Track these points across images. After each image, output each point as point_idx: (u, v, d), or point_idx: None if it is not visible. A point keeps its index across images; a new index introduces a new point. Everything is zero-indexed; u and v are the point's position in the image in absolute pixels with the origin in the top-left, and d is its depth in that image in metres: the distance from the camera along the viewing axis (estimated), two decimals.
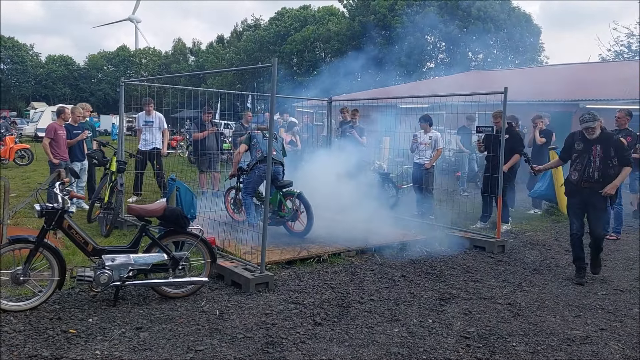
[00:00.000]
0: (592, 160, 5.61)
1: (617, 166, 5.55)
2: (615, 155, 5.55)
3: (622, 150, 5.63)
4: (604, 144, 5.60)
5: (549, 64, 38.68)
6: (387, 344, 3.89)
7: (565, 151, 6.07)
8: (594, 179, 5.60)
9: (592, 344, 4.06)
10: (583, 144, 5.74)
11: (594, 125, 5.61)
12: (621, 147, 5.66)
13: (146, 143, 9.61)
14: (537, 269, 6.20)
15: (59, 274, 4.31)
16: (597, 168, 5.60)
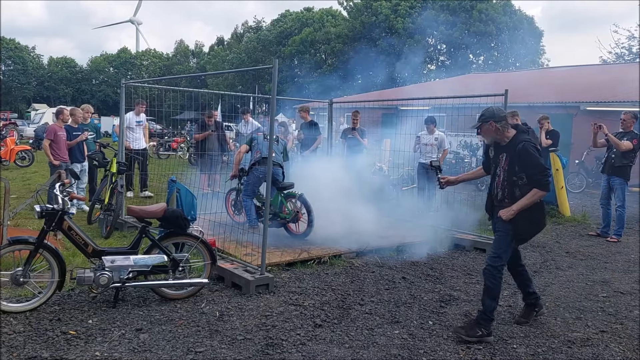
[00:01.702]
0: (498, 173, 4.23)
1: (526, 185, 4.02)
2: (522, 170, 4.02)
3: (534, 166, 3.96)
4: (510, 153, 4.11)
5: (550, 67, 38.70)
6: (387, 346, 3.88)
7: (484, 158, 4.57)
8: (497, 198, 4.25)
9: (593, 346, 4.05)
10: (495, 151, 4.31)
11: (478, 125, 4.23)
12: (532, 161, 3.97)
13: (137, 143, 10.20)
14: (538, 271, 6.19)
15: (59, 275, 4.31)
16: (500, 184, 4.19)
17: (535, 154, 4.02)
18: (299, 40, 48.72)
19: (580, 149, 15.52)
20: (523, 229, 4.10)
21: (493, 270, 4.13)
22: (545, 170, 4.01)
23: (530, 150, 4.01)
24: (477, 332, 4.03)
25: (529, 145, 4.03)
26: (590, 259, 6.87)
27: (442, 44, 44.04)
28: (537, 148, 4.10)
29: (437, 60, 44.97)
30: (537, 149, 4.10)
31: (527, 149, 4.00)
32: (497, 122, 4.11)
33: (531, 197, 4.00)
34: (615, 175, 7.92)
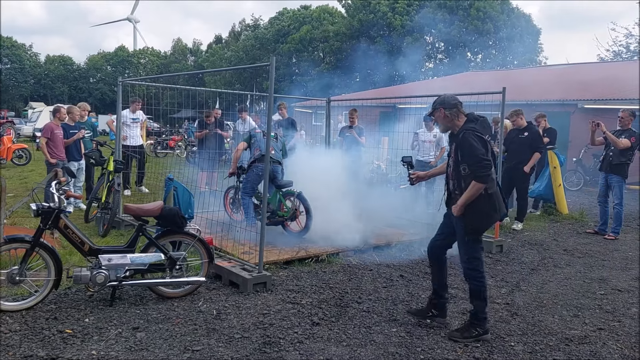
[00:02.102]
0: (450, 164, 4.12)
1: (469, 176, 3.87)
2: (464, 161, 3.89)
3: (471, 156, 3.83)
4: (457, 142, 4.00)
5: (548, 64, 38.72)
6: (384, 344, 3.88)
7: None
8: (450, 190, 4.16)
9: (591, 343, 4.05)
10: (449, 141, 4.23)
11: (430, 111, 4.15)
12: (470, 151, 3.82)
13: (133, 140, 10.43)
14: (535, 269, 6.19)
15: (55, 273, 4.29)
16: (451, 175, 4.11)
17: (475, 144, 3.82)
18: (298, 38, 48.65)
19: (578, 147, 15.54)
20: (472, 222, 3.93)
21: (472, 272, 4.02)
22: (482, 161, 3.77)
23: (470, 139, 3.84)
24: (473, 332, 3.99)
25: (470, 134, 3.87)
26: (588, 257, 6.88)
27: (440, 42, 44.03)
28: (481, 137, 3.88)
29: (435, 59, 44.97)
30: (480, 138, 3.87)
31: (467, 137, 3.86)
32: (446, 109, 4.02)
33: (471, 190, 3.84)
34: (613, 173, 7.92)
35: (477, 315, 4.02)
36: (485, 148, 3.86)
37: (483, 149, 3.83)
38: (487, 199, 3.90)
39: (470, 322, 4.05)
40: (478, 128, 3.93)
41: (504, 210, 4.06)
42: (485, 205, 3.91)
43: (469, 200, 3.86)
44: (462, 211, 3.92)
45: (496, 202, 3.95)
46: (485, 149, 3.85)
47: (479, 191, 3.84)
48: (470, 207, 3.89)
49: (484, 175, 3.79)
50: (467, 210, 3.91)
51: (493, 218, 4.03)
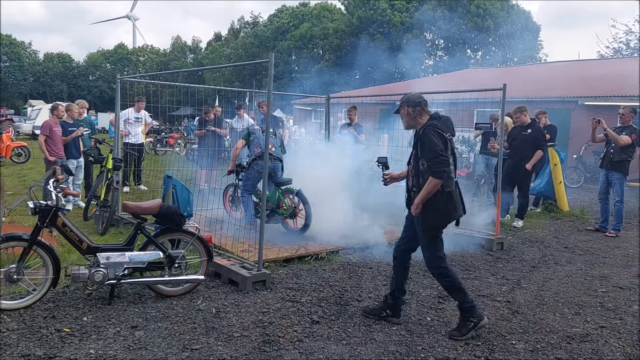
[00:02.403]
0: (410, 161, 4.13)
1: (427, 172, 3.84)
2: (422, 156, 3.88)
3: (429, 151, 3.80)
4: (417, 139, 4.02)
5: (548, 61, 38.67)
6: (385, 342, 3.85)
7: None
8: (409, 187, 4.13)
9: (592, 341, 4.02)
10: (414, 139, 4.20)
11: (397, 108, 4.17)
12: (429, 146, 3.82)
13: (134, 137, 10.58)
14: (536, 266, 6.16)
15: (53, 272, 4.26)
16: (411, 172, 4.09)
17: (435, 139, 3.81)
18: (297, 35, 48.55)
19: (579, 144, 15.51)
20: (430, 220, 3.93)
21: (438, 270, 4.04)
22: (439, 157, 3.75)
23: (429, 134, 3.85)
24: (469, 325, 3.96)
25: (430, 129, 3.88)
26: (588, 254, 6.85)
27: (440, 39, 43.94)
28: (441, 134, 3.87)
29: (435, 56, 44.89)
30: (441, 135, 3.87)
31: (427, 133, 3.87)
32: (409, 106, 4.04)
33: (427, 186, 3.82)
34: (614, 170, 7.89)
35: (463, 306, 4.00)
36: (444, 145, 3.86)
37: (442, 145, 3.83)
38: (446, 197, 3.91)
39: (462, 317, 4.02)
40: (440, 125, 3.94)
41: (460, 211, 4.05)
42: (443, 203, 3.91)
43: (426, 197, 3.86)
44: (419, 209, 3.92)
45: (455, 201, 3.97)
46: (444, 146, 3.85)
47: (435, 188, 3.82)
48: (428, 204, 3.89)
49: (441, 171, 3.77)
50: (425, 208, 3.91)
51: (451, 216, 4.00)
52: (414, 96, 4.09)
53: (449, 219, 4.01)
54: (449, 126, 3.99)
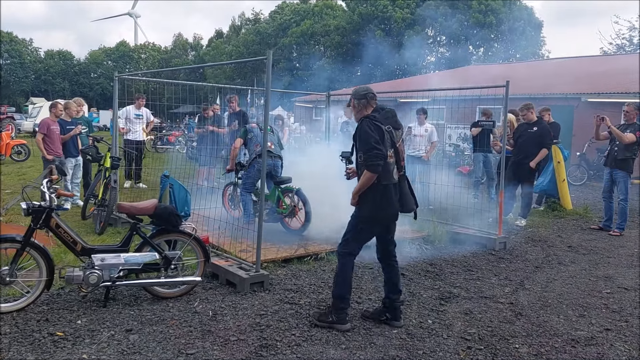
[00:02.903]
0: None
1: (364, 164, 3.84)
2: (359, 148, 3.88)
3: (365, 144, 3.78)
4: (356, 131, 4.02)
5: (551, 58, 38.45)
6: (385, 347, 3.76)
7: None
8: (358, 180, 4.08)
9: (598, 345, 3.93)
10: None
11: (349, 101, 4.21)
12: (364, 138, 3.80)
13: (134, 135, 10.59)
14: (540, 267, 6.06)
15: (47, 274, 4.18)
16: (357, 165, 4.10)
17: (370, 132, 3.79)
18: (299, 32, 48.39)
19: (582, 141, 15.37)
20: (363, 211, 3.93)
21: (342, 255, 4.05)
22: (372, 150, 3.73)
23: (366, 126, 3.84)
24: (329, 319, 3.98)
25: (367, 122, 3.88)
26: (593, 254, 6.75)
27: (441, 36, 43.72)
28: (378, 127, 3.84)
29: (436, 52, 44.68)
30: (378, 127, 3.84)
31: (363, 125, 3.86)
32: (355, 99, 4.07)
33: (362, 179, 3.84)
34: (618, 168, 7.78)
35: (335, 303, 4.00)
36: (381, 138, 3.82)
37: (378, 137, 3.80)
38: (381, 190, 3.87)
39: (331, 307, 4.04)
40: (378, 117, 3.93)
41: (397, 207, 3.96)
42: (378, 197, 3.87)
43: (362, 189, 3.86)
44: (356, 200, 3.93)
45: (390, 195, 3.89)
46: (381, 139, 3.81)
47: (370, 180, 3.81)
48: (364, 196, 3.89)
49: (374, 164, 3.75)
50: (361, 199, 3.92)
51: (385, 211, 3.94)
52: (360, 89, 4.11)
53: (383, 214, 3.95)
54: (388, 118, 3.95)
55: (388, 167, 3.85)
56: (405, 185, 4.04)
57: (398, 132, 4.02)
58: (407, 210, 4.06)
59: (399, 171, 3.98)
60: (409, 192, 4.05)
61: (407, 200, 4.03)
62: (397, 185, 3.96)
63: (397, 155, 3.95)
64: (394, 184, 3.92)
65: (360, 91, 4.08)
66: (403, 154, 4.05)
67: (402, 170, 4.01)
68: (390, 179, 3.89)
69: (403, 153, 4.06)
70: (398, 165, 3.96)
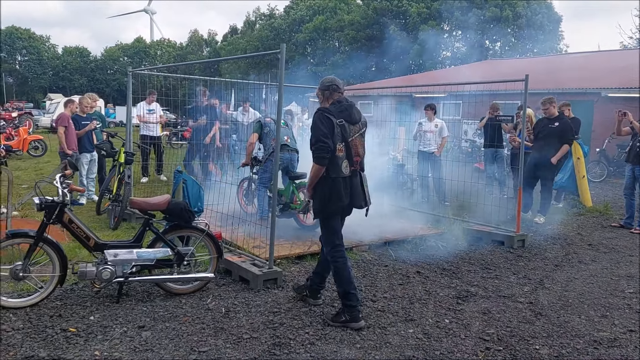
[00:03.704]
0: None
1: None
2: (311, 140, 3.94)
3: (313, 136, 3.86)
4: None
5: (569, 52, 37.78)
6: (401, 346, 3.67)
7: None
8: None
9: (621, 347, 3.80)
10: None
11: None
12: (313, 130, 3.87)
13: (149, 129, 10.76)
14: (559, 265, 5.92)
15: (60, 269, 4.16)
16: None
17: (320, 124, 3.82)
18: (312, 27, 48.21)
19: (601, 137, 15.06)
20: (316, 205, 3.98)
21: (331, 252, 4.06)
22: (318, 142, 3.77)
23: (317, 119, 3.87)
24: (342, 318, 3.95)
25: (319, 114, 3.89)
26: (614, 252, 6.57)
27: (457, 30, 43.21)
28: (329, 119, 3.83)
29: (452, 47, 44.18)
30: (329, 120, 3.83)
31: (315, 118, 3.89)
32: (320, 89, 4.08)
33: (311, 171, 3.89)
34: None
35: (343, 301, 4.00)
36: (331, 131, 3.81)
37: (326, 131, 3.80)
38: (330, 183, 3.88)
39: (342, 307, 4.02)
40: (332, 110, 3.91)
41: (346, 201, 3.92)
42: (327, 190, 3.89)
43: (312, 181, 3.91)
44: (310, 192, 3.98)
45: (339, 189, 3.88)
46: (330, 132, 3.80)
47: (318, 173, 3.86)
48: (315, 189, 3.94)
49: (320, 157, 3.80)
50: (314, 192, 3.96)
51: (335, 204, 3.92)
52: (326, 80, 4.12)
53: (334, 206, 3.93)
54: (343, 112, 3.91)
55: (336, 161, 3.85)
56: (357, 180, 4.02)
57: (354, 127, 3.97)
58: (356, 205, 4.07)
59: (351, 166, 3.94)
60: (360, 187, 4.04)
61: (357, 196, 4.01)
62: (349, 179, 3.94)
63: (349, 150, 3.90)
64: (343, 177, 3.90)
65: (326, 82, 4.09)
66: (358, 148, 4.01)
67: (355, 165, 3.97)
68: (339, 172, 3.88)
69: (358, 148, 4.01)
70: (350, 160, 3.92)
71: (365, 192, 4.07)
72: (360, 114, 4.10)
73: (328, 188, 3.89)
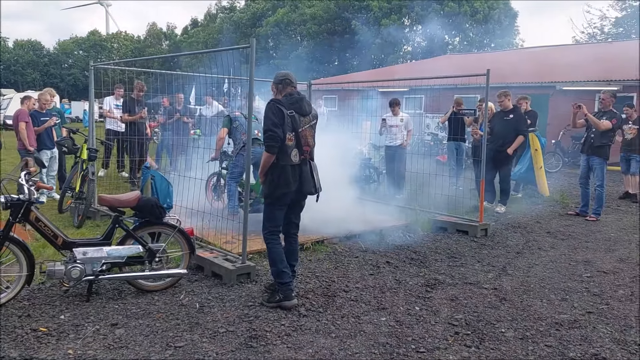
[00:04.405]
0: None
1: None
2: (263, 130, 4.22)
3: (264, 125, 4.10)
4: None
5: (526, 47, 38.93)
6: (374, 334, 3.78)
7: None
8: None
9: (581, 328, 4.02)
10: None
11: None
12: (264, 120, 4.09)
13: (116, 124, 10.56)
14: (520, 252, 6.17)
15: (28, 269, 4.06)
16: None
17: (270, 114, 4.04)
18: (274, 21, 47.88)
19: (557, 129, 15.65)
20: (266, 190, 4.20)
21: (265, 237, 4.30)
22: (268, 132, 4.01)
23: (268, 109, 4.09)
24: (276, 297, 4.18)
25: (270, 105, 4.10)
26: (571, 239, 6.89)
27: (417, 25, 43.78)
28: (280, 110, 4.05)
29: (413, 42, 44.76)
30: (280, 110, 4.05)
31: (267, 108, 4.10)
32: (274, 83, 4.31)
33: (262, 159, 4.12)
34: (595, 155, 7.93)
35: (276, 282, 4.22)
36: (281, 121, 4.02)
37: (277, 121, 4.01)
38: (279, 170, 4.09)
39: (276, 288, 4.23)
40: (283, 102, 4.14)
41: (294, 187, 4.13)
42: (276, 176, 4.11)
43: (263, 168, 4.14)
44: (262, 178, 4.20)
45: (288, 175, 4.10)
46: (280, 122, 4.02)
47: (268, 160, 4.08)
48: (266, 175, 4.16)
49: (269, 145, 4.03)
50: (265, 177, 4.18)
51: (282, 190, 4.13)
52: (279, 74, 4.34)
53: (280, 191, 4.13)
54: (293, 103, 4.12)
55: (286, 149, 4.07)
56: (307, 169, 4.23)
57: (304, 118, 4.19)
58: (306, 192, 4.27)
59: (301, 154, 4.15)
60: (309, 175, 4.25)
61: (306, 183, 4.22)
62: (298, 167, 4.16)
63: (298, 139, 4.12)
64: (292, 165, 4.11)
65: (279, 76, 4.30)
66: (307, 139, 4.21)
67: (305, 154, 4.19)
68: (288, 160, 4.09)
69: (308, 138, 4.21)
70: (300, 149, 4.14)
71: (315, 179, 4.29)
72: (310, 107, 4.32)
73: (277, 174, 4.10)
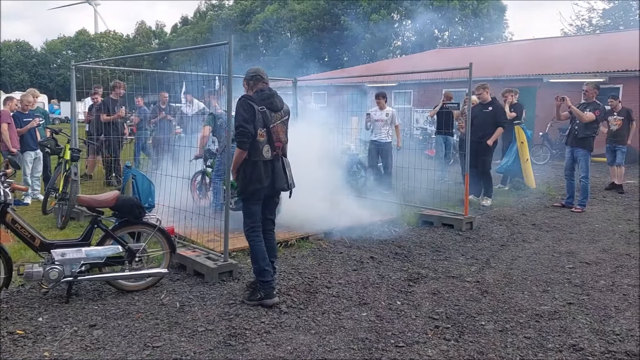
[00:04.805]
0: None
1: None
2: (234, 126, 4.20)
3: (235, 122, 4.10)
4: None
5: (514, 40, 39.03)
6: (354, 330, 3.77)
7: None
8: None
9: (561, 318, 4.03)
10: None
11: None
12: (235, 116, 4.11)
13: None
14: (505, 245, 6.19)
15: (5, 271, 4.04)
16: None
17: (241, 110, 4.04)
18: (263, 18, 47.70)
19: (544, 122, 15.71)
20: (239, 186, 4.21)
21: (247, 234, 4.27)
22: (238, 128, 4.01)
23: (239, 105, 4.08)
24: (257, 296, 4.17)
25: (241, 101, 4.10)
26: (556, 230, 6.92)
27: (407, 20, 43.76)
28: (251, 105, 4.05)
29: (403, 36, 44.75)
30: (250, 106, 4.05)
31: (237, 104, 4.10)
32: (245, 79, 4.29)
33: (234, 155, 4.14)
34: (579, 146, 7.97)
35: (258, 279, 4.21)
36: (251, 117, 4.02)
37: (247, 117, 4.01)
38: (251, 165, 4.10)
39: (256, 286, 4.24)
40: (254, 98, 4.13)
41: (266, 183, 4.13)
42: (248, 172, 4.12)
43: (235, 164, 4.15)
44: (234, 175, 4.21)
45: (260, 171, 4.10)
46: (251, 118, 4.01)
47: (240, 156, 4.08)
48: (238, 171, 4.17)
49: (239, 141, 4.03)
50: (237, 174, 4.18)
51: (255, 185, 4.13)
52: (251, 70, 4.32)
53: (255, 187, 4.13)
54: (264, 99, 4.11)
55: (257, 145, 4.06)
56: (279, 165, 4.23)
57: (275, 114, 4.18)
58: (278, 188, 4.27)
59: (273, 150, 4.16)
60: (282, 171, 4.24)
61: (279, 179, 4.22)
62: (270, 163, 4.16)
63: (270, 135, 4.11)
64: (264, 161, 4.11)
65: (250, 72, 4.28)
66: (279, 134, 4.20)
67: (277, 150, 4.19)
68: (260, 156, 4.09)
69: (279, 134, 4.21)
70: (272, 145, 4.14)
71: (288, 175, 4.28)
72: (282, 103, 4.30)
73: (249, 170, 4.10)
